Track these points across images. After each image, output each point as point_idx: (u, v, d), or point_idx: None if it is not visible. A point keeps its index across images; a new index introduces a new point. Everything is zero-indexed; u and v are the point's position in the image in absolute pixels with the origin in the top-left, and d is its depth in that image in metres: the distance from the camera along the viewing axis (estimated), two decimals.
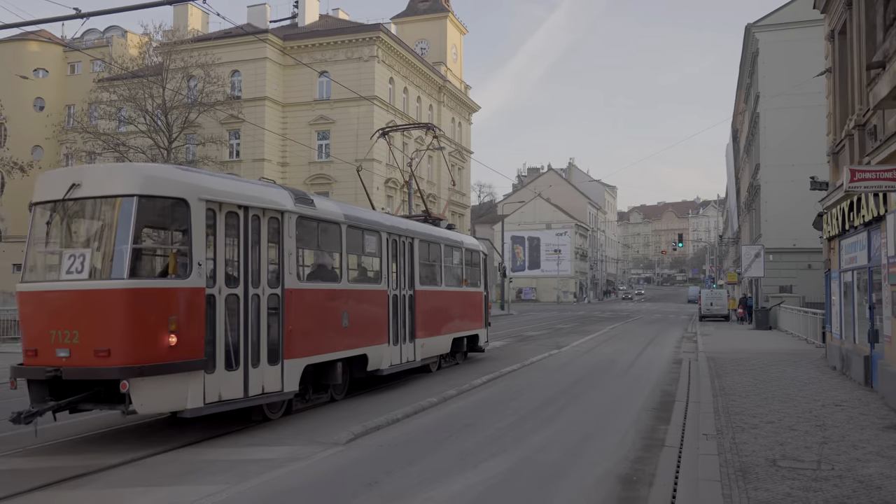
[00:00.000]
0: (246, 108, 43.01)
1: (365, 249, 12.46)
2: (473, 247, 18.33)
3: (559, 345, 24.57)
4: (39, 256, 8.75)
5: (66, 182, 8.39)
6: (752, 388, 13.19)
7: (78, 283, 8.07)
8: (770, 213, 35.76)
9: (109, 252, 8.21)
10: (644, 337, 29.68)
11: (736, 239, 63.57)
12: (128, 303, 7.94)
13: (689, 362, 18.74)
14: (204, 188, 8.76)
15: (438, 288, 15.57)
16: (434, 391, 13.12)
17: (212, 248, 8.77)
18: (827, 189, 17.41)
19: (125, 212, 8.18)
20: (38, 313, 8.28)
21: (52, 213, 8.61)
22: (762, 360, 18.28)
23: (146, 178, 8.34)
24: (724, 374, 15.31)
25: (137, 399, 8.02)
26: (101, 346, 7.92)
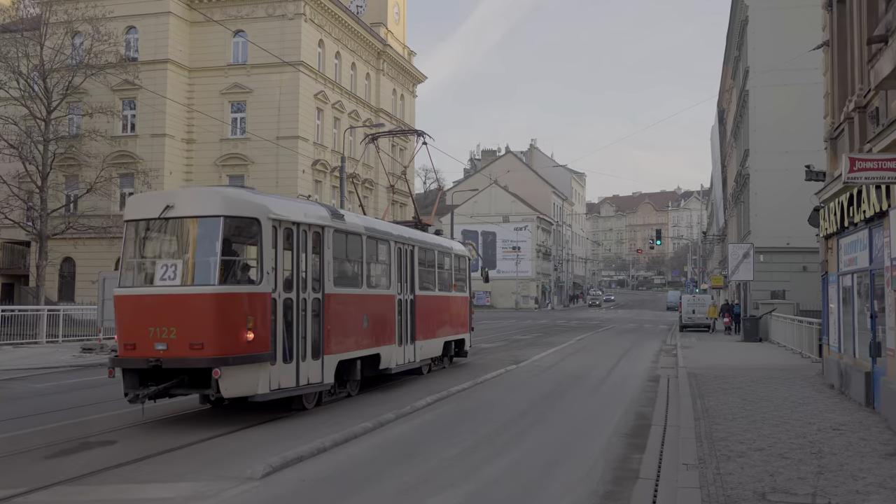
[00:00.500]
0: (144, 73, 42.07)
1: (378, 257, 16.42)
2: (461, 252, 22.59)
3: (517, 359, 24.72)
4: (134, 265, 12.51)
5: (160, 203, 12.23)
6: (739, 410, 13.47)
7: (173, 288, 11.79)
8: (760, 206, 36.65)
9: (200, 262, 11.94)
10: (616, 350, 30.09)
11: (722, 236, 65.03)
12: (217, 305, 11.64)
13: (668, 379, 19.03)
14: (270, 209, 12.52)
15: (433, 293, 19.63)
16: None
17: (272, 259, 12.46)
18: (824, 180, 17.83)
19: (213, 229, 11.98)
20: (136, 313, 11.96)
21: (146, 230, 12.44)
22: (751, 377, 18.71)
23: (229, 200, 12.20)
24: (708, 394, 15.61)
25: (223, 385, 11.61)
26: (195, 340, 11.52)
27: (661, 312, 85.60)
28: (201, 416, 13.30)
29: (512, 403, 15.08)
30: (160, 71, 43.18)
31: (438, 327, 20.04)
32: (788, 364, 22.77)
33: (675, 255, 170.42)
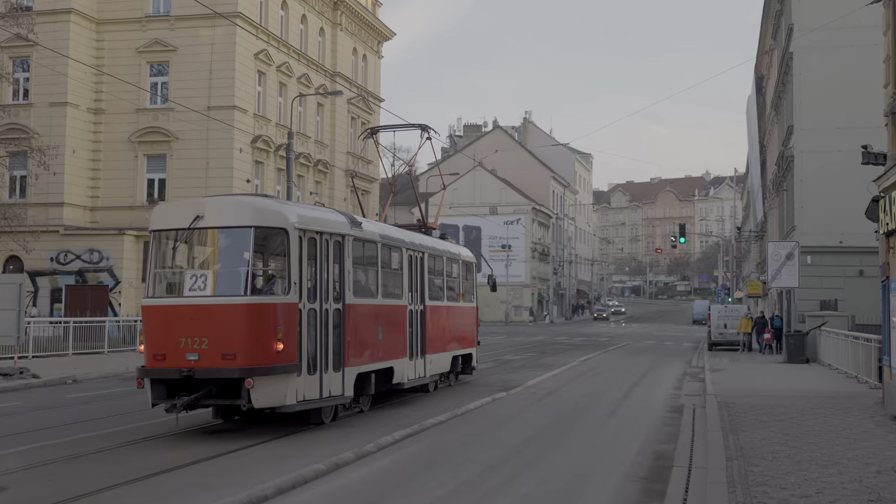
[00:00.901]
0: (41, 26, 41.64)
1: (392, 266, 19.17)
2: (469, 258, 25.46)
3: (507, 384, 24.76)
4: (162, 276, 15.28)
5: (189, 213, 14.91)
6: (780, 448, 13.55)
7: (203, 298, 14.49)
8: (807, 196, 36.96)
9: (231, 272, 14.79)
10: (629, 373, 30.19)
11: (760, 233, 65.55)
12: (249, 315, 14.32)
13: (694, 410, 19.14)
14: (297, 218, 15.22)
15: (443, 303, 22.47)
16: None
17: (299, 269, 15.11)
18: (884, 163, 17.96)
19: (244, 239, 14.84)
20: (166, 324, 14.60)
21: (175, 240, 15.19)
22: (795, 407, 18.88)
23: (258, 210, 15.00)
24: (743, 428, 15.70)
25: (255, 395, 14.15)
26: (227, 350, 14.13)
27: (685, 327, 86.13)
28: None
29: (499, 441, 15.12)
30: (61, 23, 42.81)
31: (447, 341, 22.93)
32: (841, 391, 22.98)
33: (702, 256, 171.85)
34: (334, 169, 52.57)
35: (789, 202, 40.62)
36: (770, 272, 34.55)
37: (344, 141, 54.14)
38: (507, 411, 19.07)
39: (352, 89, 55.02)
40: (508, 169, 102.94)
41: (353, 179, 49.16)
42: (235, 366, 14.51)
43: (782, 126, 44.36)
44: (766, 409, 18.56)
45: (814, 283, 36.34)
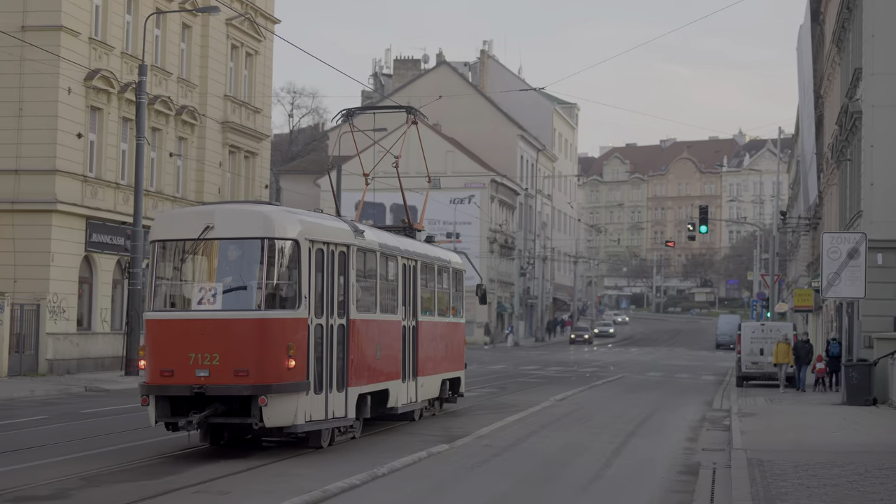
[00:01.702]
0: None
1: (388, 277, 24.04)
2: (459, 266, 30.32)
3: (451, 433, 24.83)
4: (167, 288, 19.81)
5: (198, 223, 19.12)
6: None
7: (214, 313, 18.78)
8: (881, 168, 37.32)
9: (242, 285, 19.09)
10: (625, 418, 30.33)
11: (814, 221, 66.25)
12: (262, 330, 18.62)
13: (714, 471, 19.32)
14: (306, 228, 19.67)
15: (434, 318, 27.42)
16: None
17: (308, 282, 19.59)
18: None
19: (255, 251, 19.26)
20: (174, 339, 18.96)
21: (182, 251, 19.54)
22: (856, 467, 19.07)
23: (270, 221, 19.29)
24: (783, 497, 15.91)
25: (267, 413, 18.37)
26: (240, 367, 18.39)
27: (705, 353, 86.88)
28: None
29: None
30: None
31: (438, 362, 27.86)
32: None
33: (732, 253, 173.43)
34: (206, 120, 52.21)
35: (854, 177, 41.01)
36: (825, 276, 34.80)
37: (221, 80, 53.73)
38: (446, 473, 19.09)
39: (233, 5, 54.70)
40: (458, 124, 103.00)
41: (226, 135, 49.01)
42: (248, 382, 19.04)
43: (846, 69, 44.77)
44: (815, 469, 18.78)
45: (887, 291, 36.67)
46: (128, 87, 45.20)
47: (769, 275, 70.77)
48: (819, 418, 29.72)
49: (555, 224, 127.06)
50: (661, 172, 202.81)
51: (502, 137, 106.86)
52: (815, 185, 63.67)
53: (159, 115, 48.40)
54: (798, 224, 75.87)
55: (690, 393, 42.51)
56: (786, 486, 16.90)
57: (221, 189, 53.20)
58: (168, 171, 49.56)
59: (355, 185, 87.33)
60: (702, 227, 57.97)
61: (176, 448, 20.86)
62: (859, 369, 34.67)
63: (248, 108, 56.59)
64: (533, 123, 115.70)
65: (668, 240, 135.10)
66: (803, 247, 77.27)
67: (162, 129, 48.94)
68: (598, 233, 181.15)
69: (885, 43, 37.53)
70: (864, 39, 38.38)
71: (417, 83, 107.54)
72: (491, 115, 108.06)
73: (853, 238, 34.85)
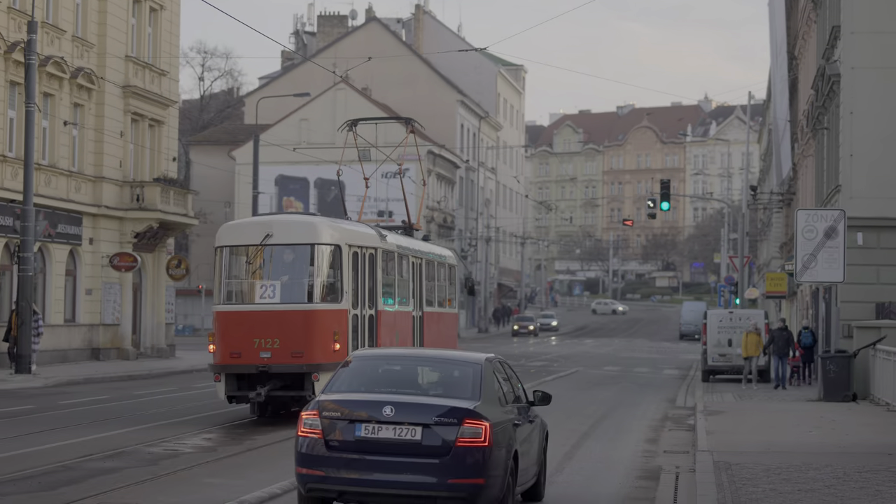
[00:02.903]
0: None
1: (402, 274, 31.51)
2: (453, 262, 39.08)
3: None
4: (233, 285, 28.17)
5: (259, 231, 27.33)
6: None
7: (274, 305, 27.10)
8: (861, 138, 37.54)
9: (297, 283, 27.49)
10: (579, 418, 30.61)
11: (788, 196, 66.69)
12: (313, 319, 26.99)
13: (678, 476, 19.53)
14: (345, 235, 28.02)
15: (434, 309, 35.30)
16: None
17: (348, 280, 27.70)
18: None
19: (307, 254, 27.50)
20: (240, 327, 27.10)
21: (246, 254, 27.59)
22: (834, 471, 19.23)
23: (318, 229, 27.77)
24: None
25: (318, 387, 23.95)
26: (296, 349, 26.51)
27: (668, 344, 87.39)
28: None
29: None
30: None
31: (438, 346, 33.81)
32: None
33: (697, 233, 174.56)
34: (105, 84, 51.76)
35: (832, 148, 41.28)
36: (799, 258, 34.98)
37: (121, 38, 53.26)
38: None
39: None
40: (390, 88, 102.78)
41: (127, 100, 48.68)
42: (303, 362, 26.60)
43: (823, 27, 45.01)
44: (788, 472, 18.94)
45: (867, 275, 37.02)
46: (15, 46, 44.64)
47: (738, 257, 71.02)
48: (793, 416, 29.94)
49: (499, 201, 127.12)
50: (618, 143, 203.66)
51: (440, 104, 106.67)
52: (788, 157, 64.04)
53: (52, 79, 47.87)
54: (770, 200, 76.33)
55: (651, 389, 42.75)
56: (756, 492, 17.03)
57: (123, 162, 52.77)
58: (62, 143, 49.03)
59: (275, 158, 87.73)
60: (663, 203, 58.08)
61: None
62: (837, 361, 34.75)
63: (153, 70, 56.10)
64: (474, 88, 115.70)
65: (625, 218, 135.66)
66: (776, 225, 77.75)
67: (55, 94, 48.41)
68: (548, 210, 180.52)
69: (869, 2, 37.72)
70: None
71: (344, 42, 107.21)
72: (427, 78, 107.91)
73: (831, 215, 35.01)
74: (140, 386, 39.53)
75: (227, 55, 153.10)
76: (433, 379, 16.06)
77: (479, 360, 16.11)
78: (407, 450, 14.44)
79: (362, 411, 14.66)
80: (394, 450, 14.45)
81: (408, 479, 14.43)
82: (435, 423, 14.44)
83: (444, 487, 14.37)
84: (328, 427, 14.56)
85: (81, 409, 30.70)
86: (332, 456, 14.51)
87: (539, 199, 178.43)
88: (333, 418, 14.66)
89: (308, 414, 14.72)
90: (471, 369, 15.80)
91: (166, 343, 56.26)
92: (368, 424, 14.52)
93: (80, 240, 49.85)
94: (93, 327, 50.97)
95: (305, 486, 14.78)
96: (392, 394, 15.04)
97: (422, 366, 16.66)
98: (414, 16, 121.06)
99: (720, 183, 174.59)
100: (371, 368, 16.27)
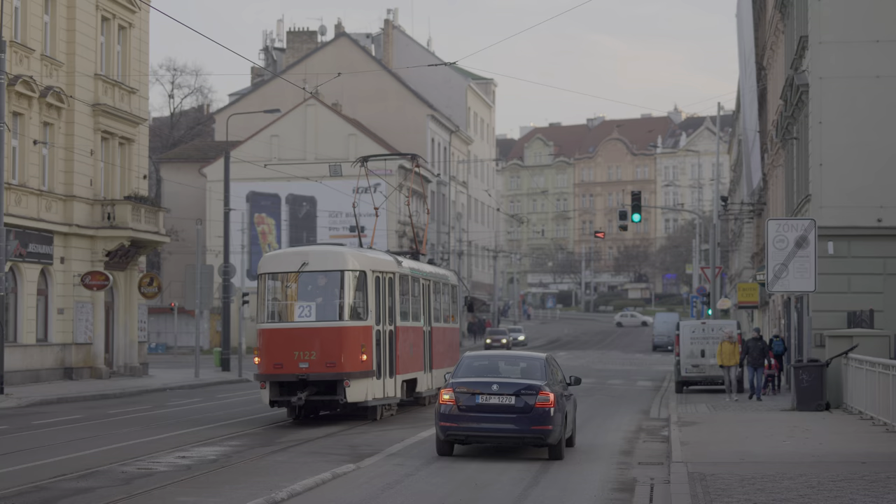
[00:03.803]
0: None
1: (414, 294, 37.13)
2: (455, 282, 44.42)
3: (358, 450, 25.35)
4: (274, 306, 33.70)
5: (296, 260, 33.18)
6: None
7: (310, 323, 32.64)
8: (830, 147, 37.57)
9: (330, 304, 33.00)
10: None
11: (758, 206, 66.83)
12: (344, 335, 32.50)
13: (652, 487, 19.58)
14: (370, 262, 33.69)
15: (441, 325, 40.31)
16: None
17: (372, 300, 33.32)
18: None
19: (338, 279, 33.15)
20: (282, 342, 32.68)
21: (285, 280, 33.63)
22: (808, 479, 19.31)
23: (348, 258, 33.40)
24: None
25: (349, 392, 31.66)
26: (330, 360, 32.01)
27: (641, 356, 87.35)
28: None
29: None
30: None
31: (443, 358, 40.34)
32: (878, 452, 23.59)
33: (668, 244, 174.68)
34: (74, 102, 51.60)
35: (802, 158, 41.37)
36: (770, 268, 35.07)
37: (90, 57, 53.13)
38: (354, 497, 19.19)
39: None
40: (361, 103, 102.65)
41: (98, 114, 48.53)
42: (337, 371, 31.41)
43: (791, 37, 45.11)
44: (762, 482, 19.01)
45: (838, 284, 37.13)
46: None
47: (710, 268, 70.92)
48: (767, 426, 29.97)
49: (471, 214, 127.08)
50: (589, 155, 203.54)
51: (410, 118, 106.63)
52: (758, 167, 64.22)
53: (21, 98, 47.71)
54: (741, 210, 76.41)
55: (625, 401, 42.75)
56: (731, 502, 17.10)
57: (94, 181, 52.63)
58: (32, 162, 48.88)
59: (246, 174, 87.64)
60: (634, 215, 57.90)
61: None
62: (810, 371, 34.90)
63: (123, 88, 55.98)
64: (445, 102, 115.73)
65: (597, 230, 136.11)
66: (747, 236, 77.99)
67: (24, 113, 48.24)
68: (520, 223, 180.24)
69: (833, 7, 37.74)
70: (810, 4, 38.53)
71: (314, 58, 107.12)
72: (397, 92, 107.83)
73: (801, 225, 35.12)
74: (113, 405, 39.37)
75: (196, 72, 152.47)
76: (515, 368, 25.95)
77: (541, 357, 26.82)
78: (506, 410, 24.00)
79: (478, 388, 24.30)
80: (498, 410, 24.05)
81: (506, 427, 24.07)
82: (522, 394, 24.02)
83: (527, 432, 24.04)
84: (459, 397, 24.17)
85: (55, 429, 30.64)
86: (461, 415, 24.06)
87: (511, 213, 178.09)
88: (462, 392, 24.29)
89: (446, 390, 24.74)
90: (538, 362, 26.04)
91: (139, 361, 55.97)
92: (483, 395, 24.16)
93: (51, 259, 49.62)
94: (65, 346, 50.74)
95: (445, 434, 24.51)
96: (494, 377, 25.02)
97: (506, 361, 27.02)
98: (383, 31, 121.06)
99: (691, 194, 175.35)
100: (476, 363, 26.53)
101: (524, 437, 24.15)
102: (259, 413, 35.18)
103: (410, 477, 21.48)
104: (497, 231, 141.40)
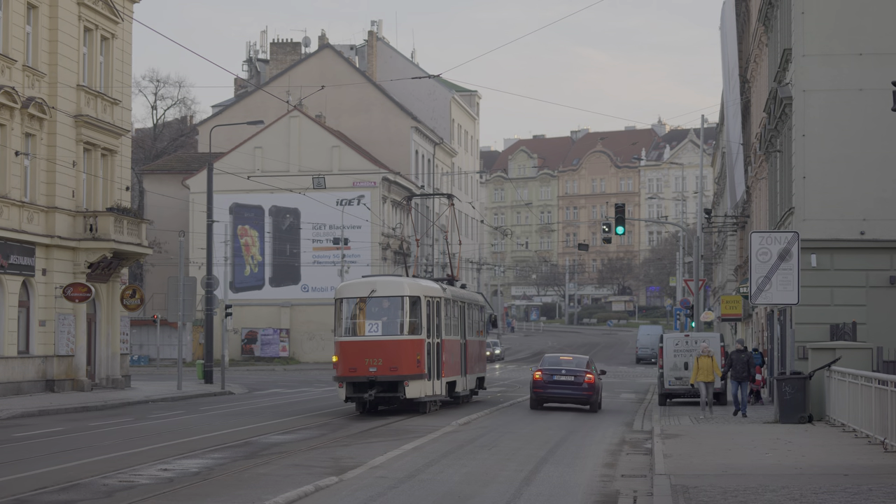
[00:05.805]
0: None
1: (454, 314, 48.24)
2: (483, 303, 58.31)
3: (341, 464, 25.18)
4: (349, 324, 43.14)
5: (367, 288, 42.93)
6: None
7: (377, 337, 42.11)
8: (813, 161, 37.70)
9: (393, 322, 42.54)
10: (536, 443, 30.70)
11: (742, 219, 66.96)
12: (404, 346, 42.34)
13: (635, 500, 19.61)
14: (423, 290, 44.04)
15: (473, 338, 51.20)
16: None
17: (425, 319, 43.71)
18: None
19: (399, 303, 42.75)
20: (355, 351, 42.01)
21: (357, 303, 43.06)
22: (790, 492, 19.39)
23: (406, 286, 43.66)
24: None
25: (408, 391, 41.39)
26: (393, 365, 41.64)
27: (624, 368, 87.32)
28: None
29: None
30: None
31: (474, 365, 49.92)
32: (861, 464, 23.68)
33: (652, 257, 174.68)
34: (56, 113, 51.54)
35: (785, 171, 41.44)
36: (754, 281, 35.10)
37: (73, 67, 53.08)
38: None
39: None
40: (345, 115, 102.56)
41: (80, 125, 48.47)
42: (398, 374, 40.03)
43: (775, 50, 45.22)
44: (745, 495, 19.08)
45: (821, 297, 37.32)
46: None
47: (693, 280, 71.08)
48: (750, 438, 30.01)
49: (458, 225, 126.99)
50: (573, 167, 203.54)
51: (394, 130, 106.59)
52: (742, 180, 64.35)
53: (3, 109, 47.64)
54: (724, 223, 76.61)
55: (608, 413, 42.86)
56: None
57: (76, 192, 52.58)
58: (14, 173, 48.79)
59: (229, 186, 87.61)
60: (618, 227, 58.02)
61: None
62: (793, 383, 34.93)
63: (105, 99, 55.91)
64: (429, 114, 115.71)
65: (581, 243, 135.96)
66: (730, 248, 78.11)
67: (6, 124, 48.18)
68: (504, 236, 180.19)
69: (817, 20, 37.86)
70: (794, 17, 38.75)
71: (298, 69, 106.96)
72: (381, 105, 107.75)
73: (784, 238, 35.22)
74: (95, 417, 39.32)
75: (179, 83, 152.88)
76: (573, 362, 45.60)
77: (586, 357, 47.16)
78: (569, 384, 43.51)
79: (553, 371, 43.87)
80: (565, 383, 43.64)
81: (570, 392, 43.79)
82: (577, 374, 43.54)
83: (580, 395, 43.56)
84: (543, 374, 43.80)
85: (36, 442, 30.51)
86: (545, 384, 43.66)
87: (495, 225, 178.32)
88: (545, 371, 43.97)
89: (537, 371, 44.43)
90: (584, 360, 45.87)
91: (121, 374, 55.84)
92: (557, 374, 43.73)
93: (32, 270, 49.55)
94: (47, 359, 50.63)
95: (537, 396, 44.15)
96: (560, 366, 44.79)
97: (568, 358, 46.83)
98: (367, 42, 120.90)
99: (675, 206, 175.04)
100: (551, 359, 46.72)
101: (578, 397, 43.70)
102: (242, 425, 35.11)
103: (394, 489, 21.48)
104: (481, 243, 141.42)
